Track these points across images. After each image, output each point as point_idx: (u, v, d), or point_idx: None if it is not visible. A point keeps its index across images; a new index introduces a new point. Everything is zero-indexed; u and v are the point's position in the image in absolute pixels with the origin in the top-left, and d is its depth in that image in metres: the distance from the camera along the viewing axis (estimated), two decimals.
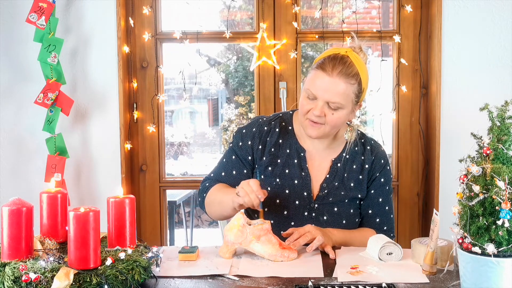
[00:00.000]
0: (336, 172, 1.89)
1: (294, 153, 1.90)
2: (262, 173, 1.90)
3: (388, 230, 1.93)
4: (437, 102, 2.69)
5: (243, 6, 4.72)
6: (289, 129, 1.94)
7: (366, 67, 1.83)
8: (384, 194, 1.92)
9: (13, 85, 2.73)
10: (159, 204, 2.90)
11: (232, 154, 1.95)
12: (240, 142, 1.93)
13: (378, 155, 1.93)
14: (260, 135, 1.92)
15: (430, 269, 1.50)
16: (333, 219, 1.87)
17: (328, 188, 1.88)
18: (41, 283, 1.28)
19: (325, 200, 1.88)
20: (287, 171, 1.89)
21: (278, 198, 1.87)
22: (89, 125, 2.76)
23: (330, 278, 1.49)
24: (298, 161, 1.89)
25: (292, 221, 1.86)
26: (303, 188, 1.88)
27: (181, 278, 1.50)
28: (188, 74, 2.88)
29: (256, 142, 1.91)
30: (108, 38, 2.71)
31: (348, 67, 1.76)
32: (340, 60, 1.76)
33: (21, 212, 1.40)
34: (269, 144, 1.91)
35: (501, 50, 2.68)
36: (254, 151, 1.91)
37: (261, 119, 1.97)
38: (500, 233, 1.21)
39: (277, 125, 1.93)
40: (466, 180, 1.27)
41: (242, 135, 1.94)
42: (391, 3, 3.04)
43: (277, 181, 1.88)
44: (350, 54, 1.79)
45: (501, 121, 1.27)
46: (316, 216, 1.87)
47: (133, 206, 1.53)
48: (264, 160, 1.90)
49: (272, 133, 1.92)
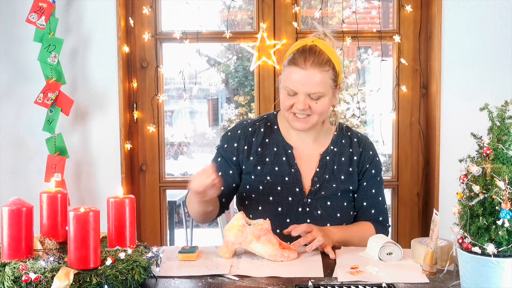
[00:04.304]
0: (325, 165, 1.91)
1: (282, 150, 1.92)
2: (252, 173, 1.92)
3: (384, 220, 1.97)
4: (437, 102, 2.69)
5: (243, 6, 4.72)
6: (274, 128, 1.96)
7: (335, 50, 1.87)
8: (376, 185, 1.96)
9: (13, 85, 2.73)
10: (159, 204, 2.90)
11: (218, 156, 1.98)
12: (225, 144, 1.96)
13: (366, 146, 1.96)
14: (245, 136, 1.94)
15: (430, 269, 1.50)
16: (327, 213, 1.89)
17: (319, 182, 1.90)
18: (41, 283, 1.28)
19: (317, 194, 1.89)
20: (277, 168, 1.91)
21: (271, 196, 1.89)
22: (89, 125, 2.76)
23: (330, 278, 1.49)
24: (286, 159, 1.91)
25: (288, 218, 1.87)
26: (294, 184, 1.89)
27: (181, 278, 1.50)
28: (188, 74, 2.88)
29: (242, 143, 1.94)
30: (108, 38, 2.71)
31: (319, 56, 1.79)
32: (310, 51, 1.80)
33: (21, 212, 1.40)
34: (255, 144, 1.93)
35: (501, 50, 2.68)
36: (239, 152, 1.94)
37: (245, 121, 2.00)
38: (500, 233, 1.21)
39: (261, 126, 1.96)
40: (466, 180, 1.27)
41: (228, 138, 1.97)
42: (391, 3, 3.04)
43: (268, 179, 1.90)
44: (317, 42, 1.83)
45: (501, 121, 1.27)
46: (310, 211, 1.89)
47: (133, 206, 1.54)
48: (252, 160, 1.92)
49: (257, 133, 1.95)
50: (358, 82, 2.91)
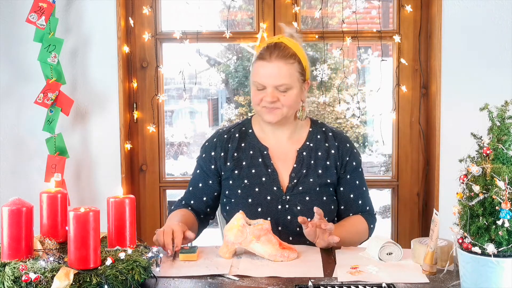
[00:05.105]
0: (302, 160, 1.95)
1: (257, 152, 1.97)
2: (230, 178, 1.97)
3: (371, 209, 2.03)
4: (437, 102, 2.69)
5: (243, 6, 4.72)
6: (249, 132, 2.02)
7: (301, 47, 1.96)
8: (359, 177, 2.01)
9: (13, 85, 2.73)
10: (159, 204, 2.91)
11: (198, 168, 2.04)
12: (203, 154, 2.03)
13: (342, 140, 2.01)
14: (221, 143, 2.00)
15: (430, 269, 1.50)
16: (306, 208, 1.90)
17: (297, 177, 1.93)
18: (41, 283, 1.28)
19: (295, 190, 1.92)
20: (253, 170, 1.95)
21: (250, 198, 1.92)
22: (89, 125, 2.76)
23: (330, 278, 1.49)
24: (262, 160, 1.96)
25: (268, 217, 1.88)
26: (272, 183, 1.93)
27: (181, 278, 1.50)
28: (188, 74, 2.88)
29: (218, 150, 2.00)
30: (108, 38, 2.71)
31: (283, 50, 1.88)
32: (275, 46, 1.90)
33: (21, 212, 1.40)
34: (231, 149, 1.99)
35: (501, 50, 2.68)
36: (216, 160, 1.99)
37: (221, 129, 2.07)
38: (500, 233, 1.21)
39: (236, 131, 2.02)
40: (466, 180, 1.27)
41: (205, 148, 2.04)
42: (391, 3, 3.04)
43: (245, 182, 1.94)
44: (283, 39, 1.93)
45: (501, 121, 1.27)
46: (290, 207, 1.91)
47: (133, 206, 1.54)
48: (229, 165, 1.97)
49: (232, 139, 2.00)
50: (358, 82, 2.91)
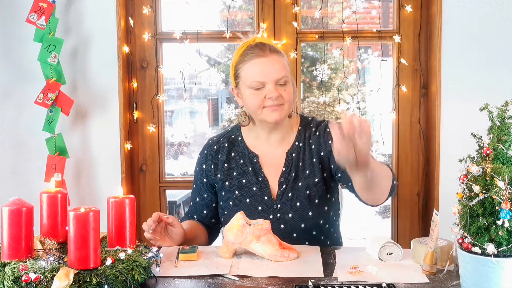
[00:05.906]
0: (291, 163, 1.91)
1: (247, 161, 1.93)
2: (222, 190, 1.95)
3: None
4: (437, 102, 2.69)
5: (243, 6, 4.72)
6: (238, 140, 1.98)
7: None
8: None
9: (13, 85, 2.73)
10: (159, 204, 2.90)
11: (194, 182, 2.04)
12: (197, 168, 2.02)
13: (321, 129, 1.93)
14: (211, 155, 1.98)
15: (430, 269, 1.50)
16: (298, 214, 1.87)
17: (286, 182, 1.89)
18: (41, 283, 1.28)
19: (284, 197, 1.88)
20: (244, 181, 1.92)
21: (242, 209, 1.85)
22: (89, 125, 2.76)
23: (330, 278, 1.49)
24: (252, 169, 1.92)
25: None
26: (262, 193, 1.90)
27: (181, 278, 1.50)
28: (188, 74, 2.88)
29: (209, 163, 1.98)
30: (108, 38, 2.71)
31: (272, 45, 1.85)
32: (260, 43, 1.84)
33: (21, 212, 1.40)
34: (221, 161, 1.96)
35: (501, 50, 2.68)
36: (207, 173, 1.98)
37: (211, 140, 2.03)
38: (500, 233, 1.20)
39: (225, 141, 1.99)
40: (466, 180, 1.27)
41: (198, 161, 2.03)
42: (391, 3, 3.04)
43: (236, 193, 1.92)
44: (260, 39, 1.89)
45: (501, 121, 1.27)
46: (281, 215, 1.88)
47: (133, 206, 1.54)
48: (220, 177, 1.95)
49: (221, 150, 1.97)
50: (358, 82, 2.91)
